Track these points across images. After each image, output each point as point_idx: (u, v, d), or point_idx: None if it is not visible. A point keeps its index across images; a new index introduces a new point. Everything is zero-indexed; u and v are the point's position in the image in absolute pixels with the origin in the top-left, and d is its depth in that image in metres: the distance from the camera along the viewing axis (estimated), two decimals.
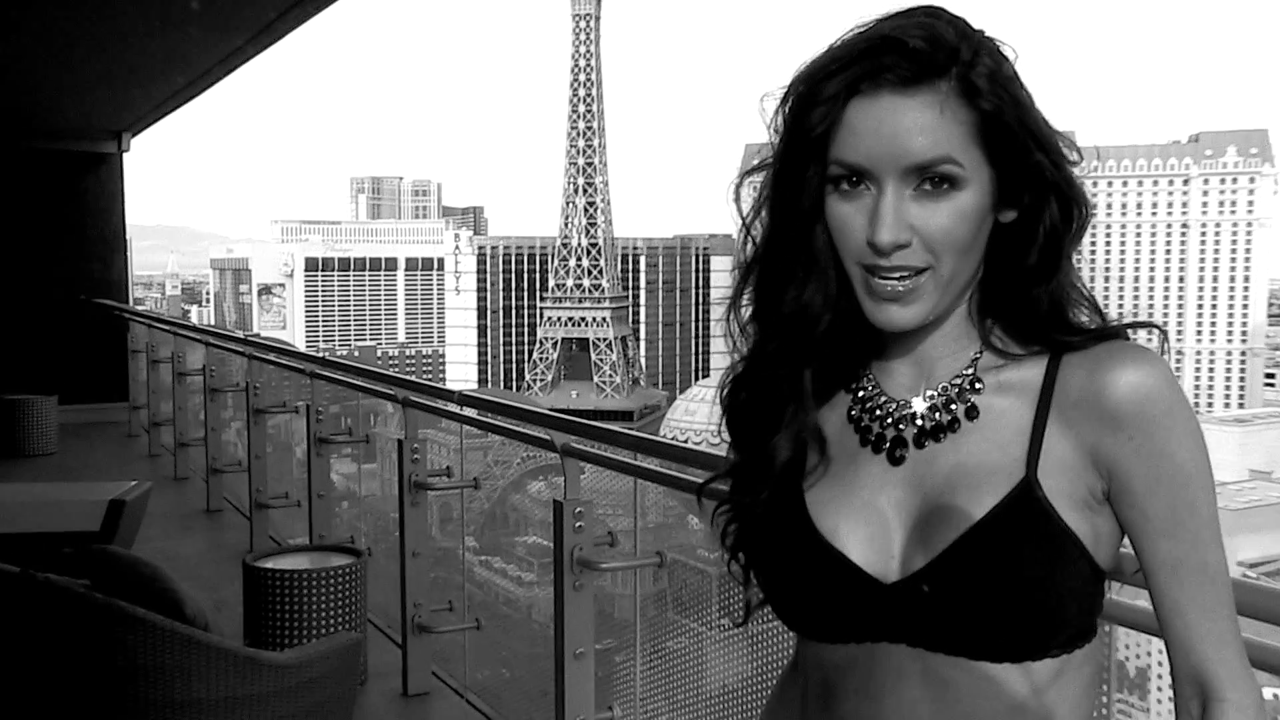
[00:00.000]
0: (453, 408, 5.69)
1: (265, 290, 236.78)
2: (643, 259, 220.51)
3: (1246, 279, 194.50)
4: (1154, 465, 1.33)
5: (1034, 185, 1.37)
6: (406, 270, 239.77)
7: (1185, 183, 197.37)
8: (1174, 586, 1.35)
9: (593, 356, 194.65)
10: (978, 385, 1.42)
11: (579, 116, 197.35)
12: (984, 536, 1.33)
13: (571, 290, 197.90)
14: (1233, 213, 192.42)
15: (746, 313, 1.51)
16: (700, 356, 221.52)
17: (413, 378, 6.69)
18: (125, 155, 14.60)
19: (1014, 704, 1.33)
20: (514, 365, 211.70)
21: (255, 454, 8.50)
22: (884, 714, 1.36)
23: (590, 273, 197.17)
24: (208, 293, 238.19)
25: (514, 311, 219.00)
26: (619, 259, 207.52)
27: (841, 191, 1.36)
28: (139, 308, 17.61)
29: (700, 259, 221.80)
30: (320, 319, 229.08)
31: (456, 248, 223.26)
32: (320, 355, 7.97)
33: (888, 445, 1.43)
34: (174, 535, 8.61)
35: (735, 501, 1.51)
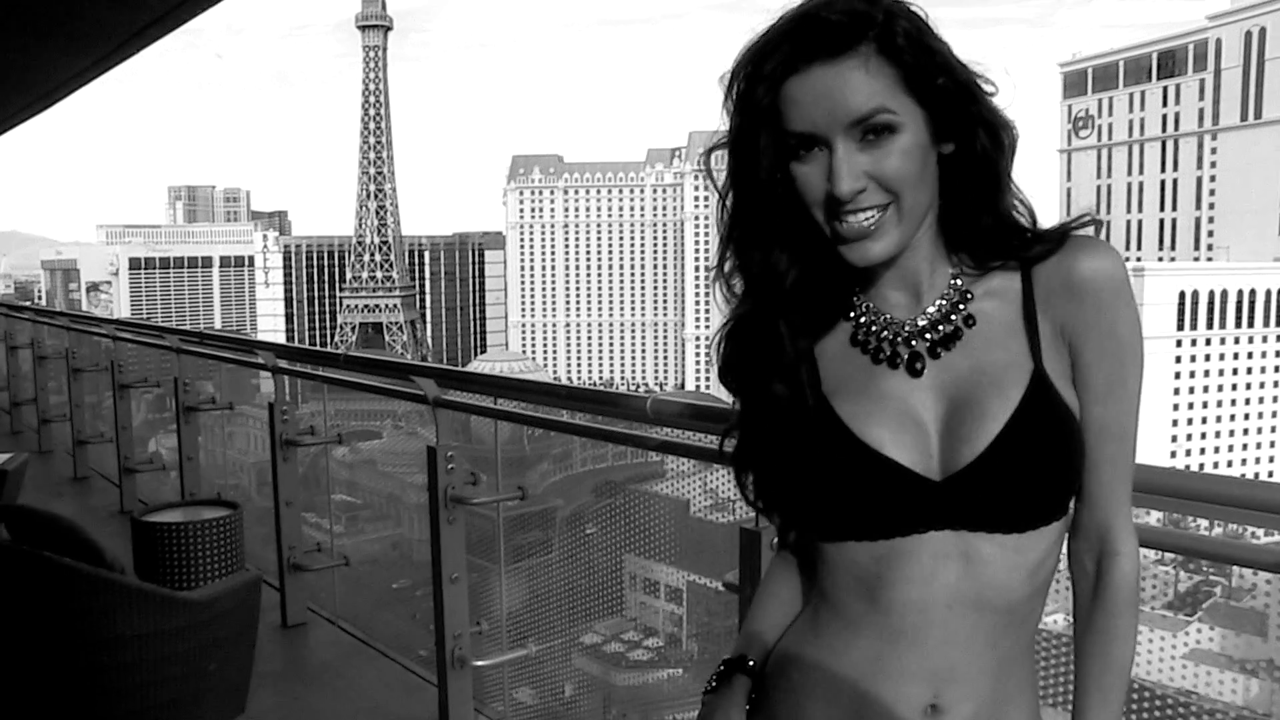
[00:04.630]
0: (323, 371, 5.42)
1: (93, 287, 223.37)
2: (427, 253, 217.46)
3: None
4: (1101, 336, 1.34)
5: (961, 120, 1.34)
6: (221, 267, 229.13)
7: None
8: (1096, 447, 1.37)
9: (386, 337, 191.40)
10: (969, 295, 1.39)
11: (370, 131, 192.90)
12: (1020, 425, 1.31)
13: (366, 281, 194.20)
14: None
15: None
16: (477, 336, 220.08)
17: (289, 344, 6.33)
18: None
19: (1033, 563, 1.34)
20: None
21: (122, 425, 7.97)
22: (934, 593, 1.33)
23: (382, 266, 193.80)
24: (39, 291, 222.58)
25: (316, 301, 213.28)
26: (406, 254, 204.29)
27: (799, 158, 1.32)
28: None
29: (475, 253, 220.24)
30: (145, 311, 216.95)
31: (265, 247, 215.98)
32: (197, 331, 7.44)
33: (905, 360, 1.38)
34: (48, 501, 7.98)
35: (755, 440, 1.45)
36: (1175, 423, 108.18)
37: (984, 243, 1.40)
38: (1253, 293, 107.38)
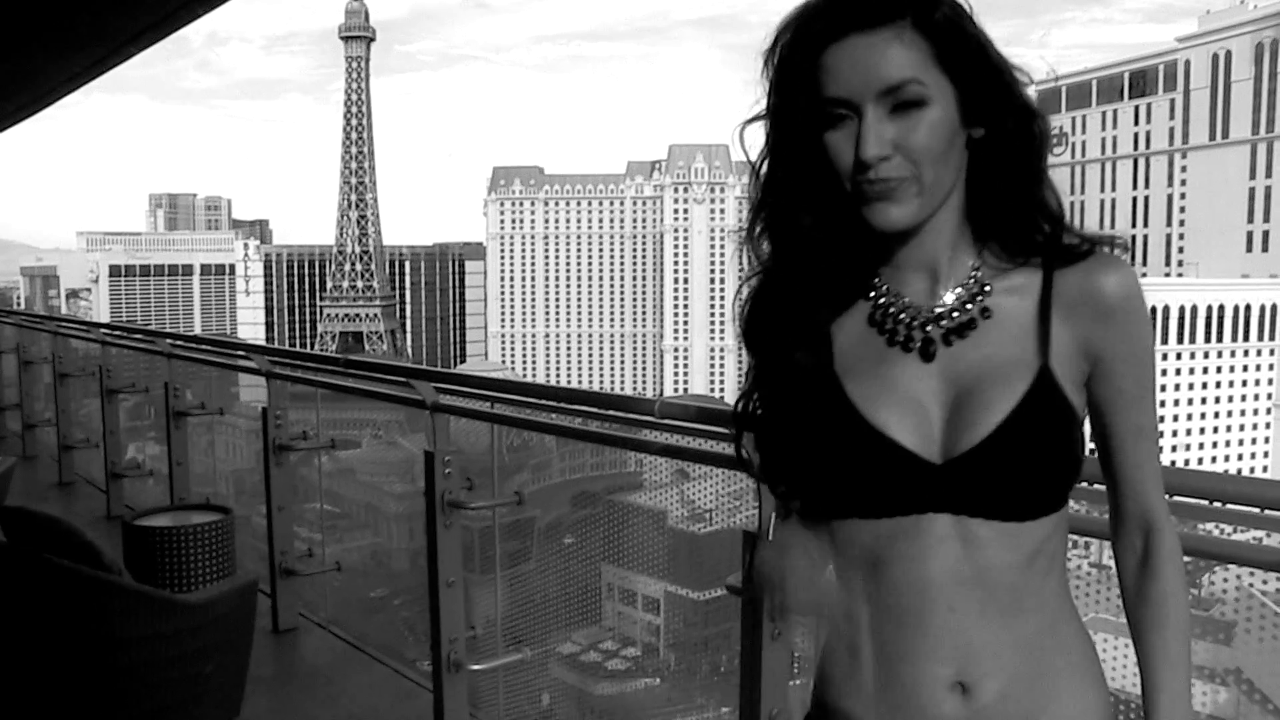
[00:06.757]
0: (313, 375, 5.38)
1: (73, 294, 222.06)
2: (407, 263, 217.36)
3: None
4: (1130, 348, 1.39)
5: (991, 103, 1.36)
6: (201, 275, 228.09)
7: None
8: (1136, 447, 1.43)
9: (366, 347, 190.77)
10: (987, 288, 1.41)
11: (352, 141, 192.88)
12: (1022, 418, 1.34)
13: (347, 291, 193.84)
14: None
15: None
16: (457, 346, 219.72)
17: (283, 348, 6.28)
18: None
19: (1029, 553, 1.36)
20: None
21: (109, 430, 7.90)
22: (930, 574, 1.35)
23: (363, 275, 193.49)
24: (19, 297, 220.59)
25: (297, 309, 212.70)
26: (387, 263, 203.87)
27: (833, 125, 1.34)
28: None
29: (456, 263, 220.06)
30: (125, 319, 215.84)
31: (246, 255, 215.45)
32: (190, 335, 7.39)
33: (919, 344, 1.40)
34: (34, 506, 7.88)
35: (769, 410, 1.46)
36: None
37: (1012, 235, 1.41)
38: (1221, 308, 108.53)
